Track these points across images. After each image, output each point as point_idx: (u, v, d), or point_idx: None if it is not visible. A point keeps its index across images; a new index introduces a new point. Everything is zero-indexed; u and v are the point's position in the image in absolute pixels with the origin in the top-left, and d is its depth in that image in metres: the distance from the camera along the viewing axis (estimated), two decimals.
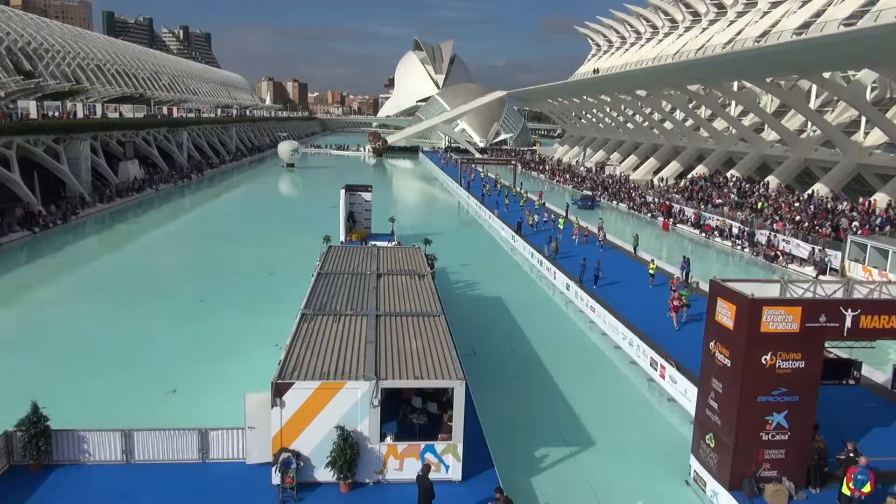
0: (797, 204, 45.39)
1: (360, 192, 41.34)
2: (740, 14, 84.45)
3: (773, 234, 40.86)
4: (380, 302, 18.46)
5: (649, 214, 56.84)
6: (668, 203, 55.05)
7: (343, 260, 23.79)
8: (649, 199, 60.16)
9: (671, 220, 52.22)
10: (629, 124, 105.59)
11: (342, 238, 39.07)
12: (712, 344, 14.08)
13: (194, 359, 21.56)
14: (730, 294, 13.39)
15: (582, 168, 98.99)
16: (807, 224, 40.09)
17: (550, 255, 35.74)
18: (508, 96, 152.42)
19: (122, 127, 66.51)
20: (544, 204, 58.41)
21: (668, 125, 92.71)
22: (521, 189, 68.13)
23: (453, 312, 25.57)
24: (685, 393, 18.44)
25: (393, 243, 38.43)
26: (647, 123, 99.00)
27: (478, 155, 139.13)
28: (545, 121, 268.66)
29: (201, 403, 18.31)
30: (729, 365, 13.38)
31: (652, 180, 77.24)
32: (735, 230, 44.36)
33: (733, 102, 79.66)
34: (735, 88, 72.36)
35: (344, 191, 39.22)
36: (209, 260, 36.48)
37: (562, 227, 42.63)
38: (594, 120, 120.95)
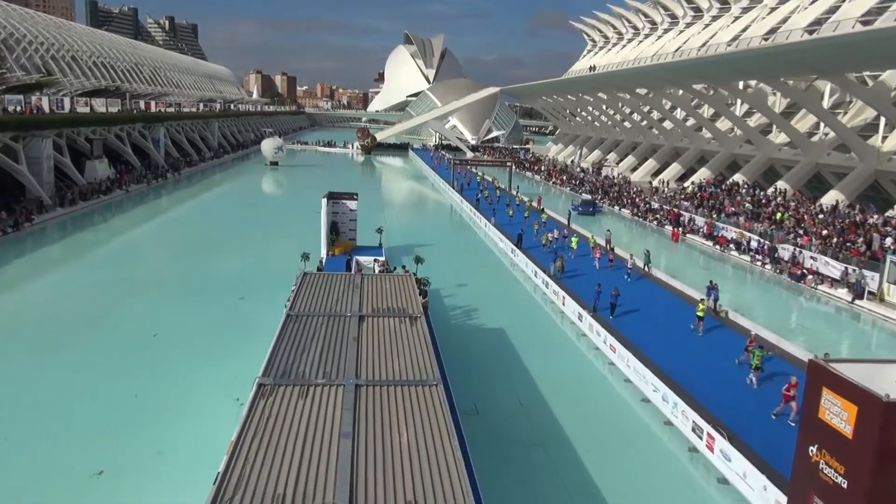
0: (821, 216, 41.81)
1: (344, 201, 37.33)
2: (745, 10, 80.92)
3: (797, 249, 37.26)
4: (361, 363, 14.53)
5: (655, 222, 53.17)
6: (675, 211, 51.38)
7: (319, 294, 19.84)
8: (654, 205, 56.46)
9: (680, 229, 48.57)
10: (626, 123, 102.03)
11: (323, 253, 35.11)
12: (813, 450, 10.30)
13: (133, 422, 17.46)
14: (847, 388, 9.60)
15: (578, 169, 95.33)
16: (836, 239, 36.49)
17: (555, 274, 31.95)
18: (502, 93, 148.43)
19: (92, 123, 61.96)
20: (543, 210, 54.66)
21: (667, 125, 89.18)
22: (517, 192, 64.34)
23: (449, 348, 21.73)
24: (744, 477, 14.69)
25: (381, 259, 34.61)
26: (645, 122, 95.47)
27: (469, 153, 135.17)
28: (537, 117, 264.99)
29: (136, 490, 14.39)
30: (844, 486, 9.61)
31: (653, 184, 73.66)
32: (754, 244, 40.75)
33: (738, 101, 76.21)
34: (740, 87, 68.86)
35: (326, 199, 35.16)
36: (173, 278, 32.29)
37: (575, 247, 38.17)
38: (589, 118, 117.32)
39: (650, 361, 20.62)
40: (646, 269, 34.53)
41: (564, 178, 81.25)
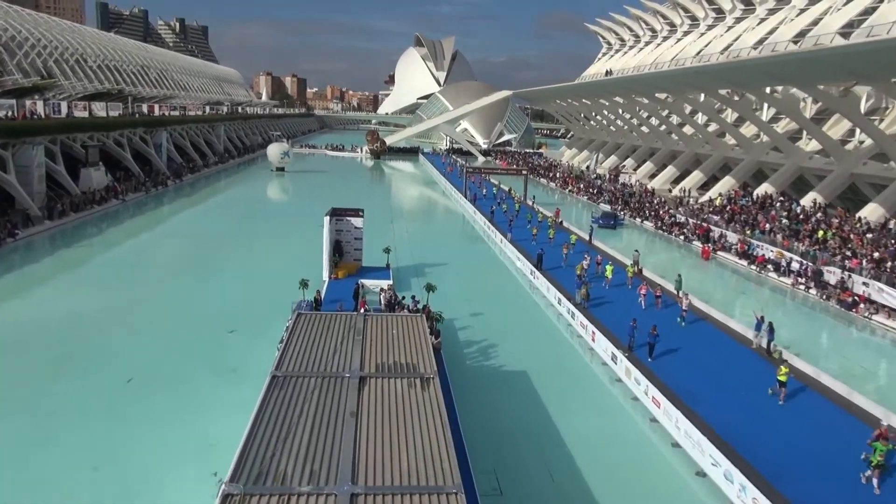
0: (869, 234, 38.32)
1: (348, 218, 34.25)
2: (771, 12, 77.38)
3: (845, 273, 33.85)
4: (360, 455, 11.43)
5: (682, 237, 49.78)
6: (705, 226, 47.97)
7: (313, 342, 16.76)
8: (680, 218, 53.07)
9: (710, 246, 45.20)
10: (644, 127, 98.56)
11: (326, 276, 32.07)
12: None
13: None
14: None
15: (594, 175, 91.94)
16: (890, 263, 33.05)
17: (581, 302, 28.74)
18: (514, 96, 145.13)
19: (89, 128, 59.29)
20: (562, 223, 51.49)
21: (688, 130, 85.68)
22: (533, 203, 61.09)
23: (466, 404, 18.60)
24: None
25: (386, 288, 31.50)
26: (664, 127, 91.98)
27: (481, 158, 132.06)
28: (548, 119, 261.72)
29: None
30: None
31: (674, 192, 70.07)
32: (795, 265, 37.34)
33: (765, 106, 72.64)
34: (767, 91, 65.31)
35: (328, 217, 32.06)
36: (158, 304, 29.21)
37: (609, 276, 33.70)
38: (604, 122, 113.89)
39: (706, 425, 17.37)
40: (678, 295, 31.23)
41: (581, 185, 77.77)
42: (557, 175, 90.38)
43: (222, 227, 49.15)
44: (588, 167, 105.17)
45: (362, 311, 24.29)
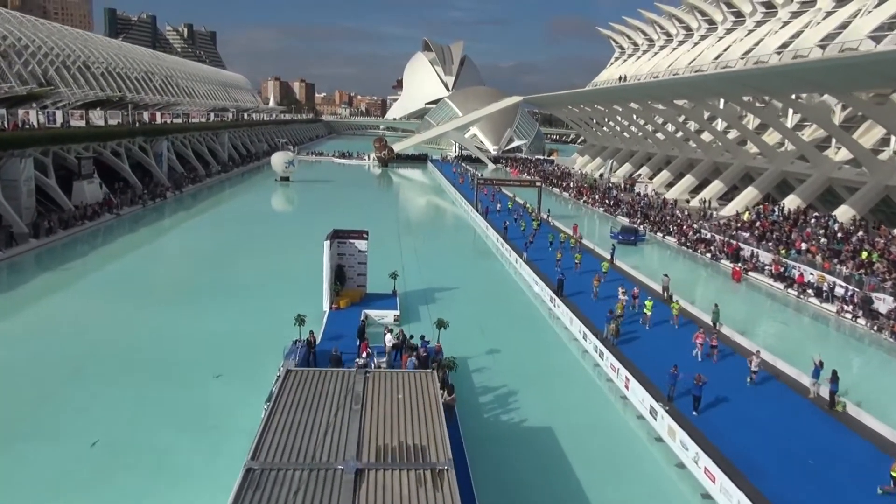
0: None
1: (352, 240, 31.40)
2: (795, 14, 74.14)
3: None
4: None
5: (708, 254, 46.62)
6: (734, 243, 44.81)
7: (301, 418, 13.83)
8: (706, 233, 49.92)
9: (740, 265, 42.06)
10: (659, 134, 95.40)
11: (326, 306, 29.20)
12: None
13: None
14: None
15: (609, 184, 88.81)
16: None
17: (609, 338, 25.73)
18: (525, 102, 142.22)
19: (83, 138, 56.77)
20: (581, 240, 48.41)
21: (706, 137, 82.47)
22: (548, 216, 57.98)
23: (489, 483, 15.57)
24: None
25: (394, 314, 28.64)
26: (680, 134, 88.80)
27: (491, 165, 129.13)
28: (557, 124, 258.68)
29: None
30: None
31: (692, 203, 66.75)
32: (839, 290, 34.16)
33: (789, 112, 69.36)
34: (794, 97, 62.04)
35: (329, 241, 29.16)
36: (137, 343, 25.99)
37: (649, 313, 28.98)
38: (618, 129, 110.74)
39: None
40: (715, 328, 28.14)
41: (596, 196, 74.62)
42: (571, 185, 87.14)
43: (217, 245, 46.18)
44: (602, 175, 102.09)
45: (364, 355, 21.43)
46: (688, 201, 74.23)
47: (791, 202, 57.93)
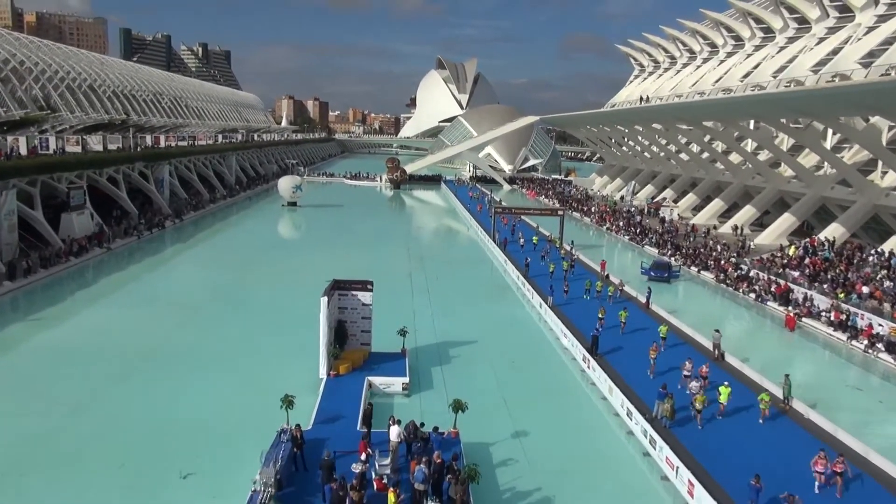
0: None
1: (354, 292, 27.28)
2: (831, 30, 69.73)
3: None
4: None
5: (752, 295, 42.01)
6: (783, 284, 40.20)
7: None
8: (748, 269, 45.32)
9: (792, 309, 37.48)
10: (683, 155, 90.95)
11: (322, 372, 25.05)
12: None
13: None
14: None
15: (629, 207, 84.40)
16: None
17: (663, 421, 21.29)
18: (542, 121, 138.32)
19: (75, 166, 53.32)
20: (623, 287, 42.65)
21: (734, 158, 77.95)
22: (572, 248, 53.42)
23: None
24: None
25: (402, 382, 24.48)
26: (706, 155, 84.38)
27: (506, 186, 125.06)
28: (572, 142, 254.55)
29: None
30: None
31: (737, 238, 61.55)
32: None
33: (829, 132, 64.80)
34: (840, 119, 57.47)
35: (326, 298, 24.95)
36: (92, 425, 21.51)
37: (724, 402, 22.44)
38: (638, 148, 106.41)
39: None
40: (785, 404, 23.61)
41: (621, 223, 70.14)
42: (593, 209, 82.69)
43: (208, 288, 41.44)
44: (622, 197, 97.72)
45: (363, 457, 17.21)
46: (715, 227, 69.66)
47: (833, 231, 53.27)
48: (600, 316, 31.91)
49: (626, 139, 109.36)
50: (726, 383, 22.53)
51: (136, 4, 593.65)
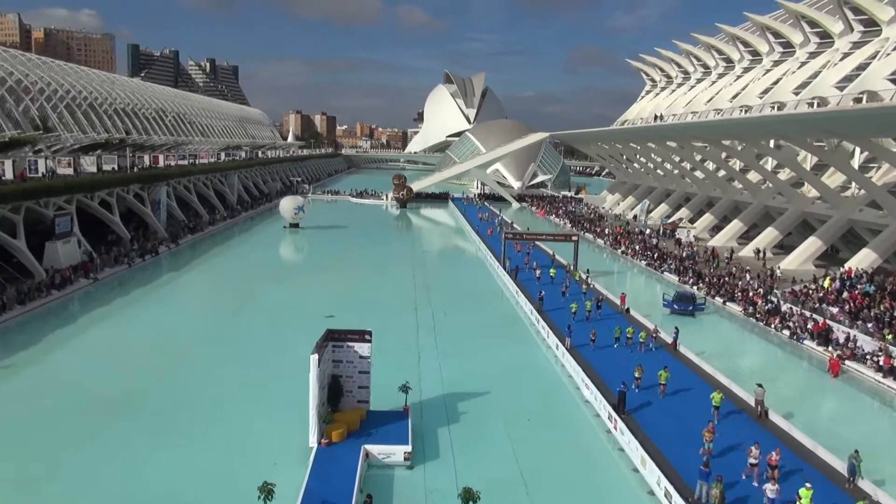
0: None
1: (350, 344, 24.20)
2: (857, 45, 66.55)
3: None
4: None
5: (785, 331, 38.65)
6: (822, 321, 36.86)
7: None
8: (778, 300, 41.97)
9: (830, 347, 34.17)
10: (698, 172, 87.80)
11: (312, 440, 21.94)
12: None
13: None
14: None
15: (646, 229, 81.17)
16: None
17: None
18: (552, 137, 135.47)
19: (62, 191, 50.65)
20: (657, 333, 37.96)
21: (753, 176, 74.70)
22: (587, 276, 50.24)
23: None
24: None
25: (405, 452, 21.38)
26: (723, 173, 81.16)
27: (515, 204, 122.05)
28: (580, 156, 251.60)
29: None
30: None
31: (764, 267, 57.49)
32: None
33: (857, 151, 61.40)
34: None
35: (317, 356, 21.80)
36: (46, 500, 18.95)
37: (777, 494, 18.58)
38: (651, 165, 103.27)
39: None
40: (850, 483, 20.29)
41: (637, 247, 66.88)
42: (606, 231, 79.46)
43: (197, 328, 36.96)
44: (636, 217, 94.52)
45: None
46: (732, 251, 66.31)
47: (864, 258, 49.92)
48: (637, 375, 27.73)
49: (638, 156, 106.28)
50: (808, 485, 18.20)
51: (146, 20, 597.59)
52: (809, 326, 37.18)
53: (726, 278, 50.24)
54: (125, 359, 32.03)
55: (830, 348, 34.66)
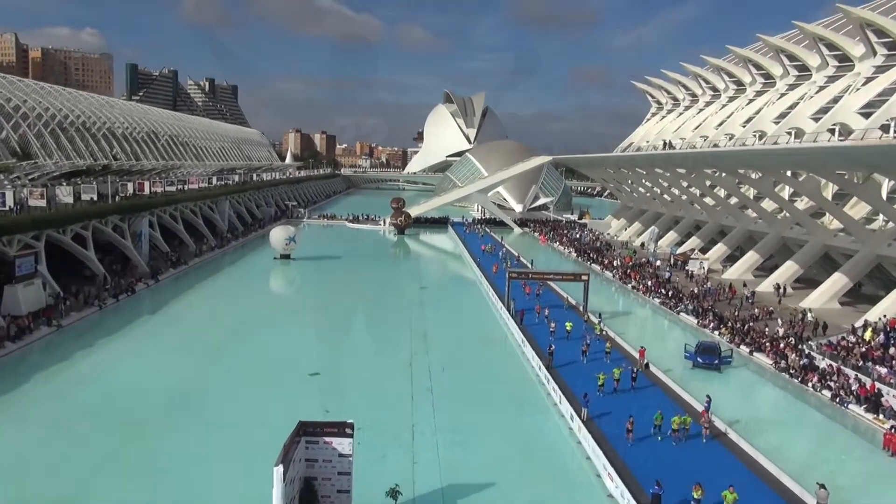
0: None
1: (328, 439, 19.94)
2: (880, 69, 62.85)
3: None
4: None
5: (825, 391, 34.37)
6: (871, 384, 32.58)
7: None
8: (818, 359, 37.69)
9: (881, 415, 29.91)
10: (709, 199, 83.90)
11: None
12: None
13: None
14: None
15: (653, 257, 77.10)
16: None
17: None
18: (556, 161, 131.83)
19: (29, 227, 46.59)
20: (647, 366, 35.97)
21: (768, 205, 70.69)
22: (600, 322, 46.04)
23: None
24: None
25: None
26: (735, 201, 77.23)
27: (517, 229, 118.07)
28: (580, 177, 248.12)
29: None
30: None
31: (798, 311, 52.21)
32: None
33: (886, 181, 57.41)
34: None
35: (281, 468, 17.45)
36: None
37: None
38: (657, 190, 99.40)
39: None
40: None
41: (649, 283, 62.63)
42: (616, 262, 75.27)
43: (162, 391, 31.84)
44: (643, 245, 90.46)
45: None
46: (744, 284, 62.24)
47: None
48: (697, 497, 21.13)
49: (644, 181, 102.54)
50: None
51: (149, 39, 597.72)
52: (855, 389, 32.89)
53: (751, 323, 46.00)
54: (73, 436, 27.45)
55: (882, 416, 30.39)
